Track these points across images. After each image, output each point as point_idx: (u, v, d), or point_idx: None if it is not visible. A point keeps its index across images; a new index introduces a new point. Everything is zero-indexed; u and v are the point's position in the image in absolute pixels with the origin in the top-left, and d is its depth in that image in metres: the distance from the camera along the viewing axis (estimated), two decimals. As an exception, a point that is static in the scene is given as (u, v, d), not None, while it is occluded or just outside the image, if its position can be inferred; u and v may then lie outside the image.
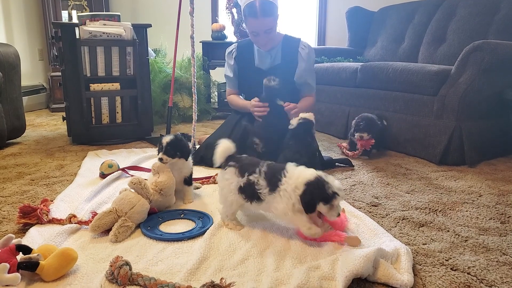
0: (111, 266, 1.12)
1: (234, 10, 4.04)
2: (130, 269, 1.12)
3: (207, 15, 5.10)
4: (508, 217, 1.61)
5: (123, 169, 2.16)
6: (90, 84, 2.84)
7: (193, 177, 1.88)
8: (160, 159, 1.68)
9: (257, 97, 2.20)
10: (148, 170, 2.24)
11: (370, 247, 1.27)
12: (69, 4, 4.84)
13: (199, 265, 1.21)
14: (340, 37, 4.44)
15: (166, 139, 1.71)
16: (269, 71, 2.31)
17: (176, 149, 1.70)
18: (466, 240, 1.42)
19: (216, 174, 1.90)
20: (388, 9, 3.88)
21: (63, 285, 1.12)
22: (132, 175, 2.14)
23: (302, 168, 1.36)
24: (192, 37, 2.55)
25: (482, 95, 2.38)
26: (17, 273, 1.06)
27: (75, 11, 4.78)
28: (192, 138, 2.42)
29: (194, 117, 2.60)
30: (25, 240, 1.35)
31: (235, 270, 1.20)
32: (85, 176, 2.14)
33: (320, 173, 1.32)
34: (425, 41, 3.32)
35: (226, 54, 2.49)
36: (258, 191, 1.36)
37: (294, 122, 2.01)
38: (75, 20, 4.55)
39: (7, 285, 1.03)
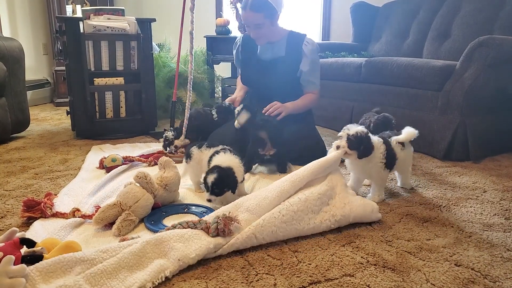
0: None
1: (238, 5, 4.01)
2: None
3: (211, 9, 5.09)
4: (512, 213, 1.61)
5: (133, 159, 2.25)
6: (94, 79, 2.85)
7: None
8: (209, 200, 1.57)
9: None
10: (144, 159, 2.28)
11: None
12: (70, -3, 4.83)
13: (202, 259, 1.22)
14: (345, 32, 4.41)
15: (211, 178, 1.54)
16: (271, 62, 2.33)
17: (224, 186, 1.57)
18: (470, 236, 1.41)
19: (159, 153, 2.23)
20: (392, 4, 3.85)
21: (67, 278, 1.12)
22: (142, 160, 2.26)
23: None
24: (191, 33, 2.51)
25: (487, 91, 2.36)
26: (23, 264, 1.06)
27: (79, 5, 4.78)
28: (183, 136, 2.41)
29: (187, 114, 2.50)
30: (29, 234, 1.36)
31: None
32: (89, 170, 2.14)
33: None
34: (430, 37, 3.29)
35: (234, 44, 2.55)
36: None
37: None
38: (79, 14, 4.55)
39: (12, 277, 1.03)
